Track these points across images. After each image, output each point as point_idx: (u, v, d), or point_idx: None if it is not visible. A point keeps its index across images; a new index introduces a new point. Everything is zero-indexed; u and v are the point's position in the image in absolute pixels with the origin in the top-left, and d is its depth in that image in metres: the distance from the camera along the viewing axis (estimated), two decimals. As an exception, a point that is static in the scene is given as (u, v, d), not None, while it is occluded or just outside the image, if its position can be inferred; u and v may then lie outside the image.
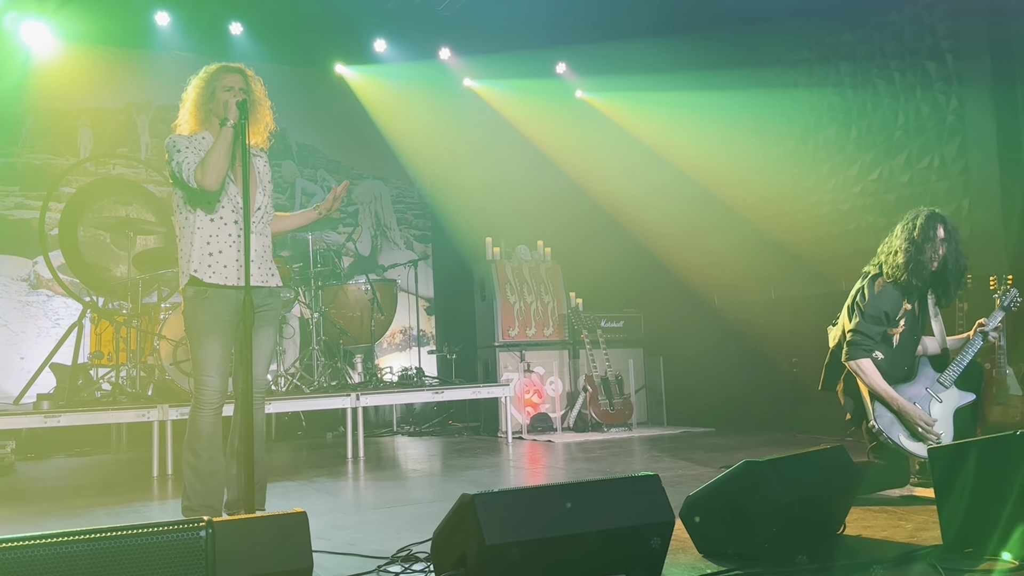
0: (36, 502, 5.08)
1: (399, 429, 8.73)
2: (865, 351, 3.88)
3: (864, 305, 3.92)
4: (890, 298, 3.92)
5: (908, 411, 3.82)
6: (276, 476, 5.61)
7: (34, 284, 8.55)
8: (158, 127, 9.18)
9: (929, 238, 3.87)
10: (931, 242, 3.87)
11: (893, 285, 3.93)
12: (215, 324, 3.55)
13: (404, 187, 10.67)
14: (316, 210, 3.90)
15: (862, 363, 3.87)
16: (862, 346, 3.89)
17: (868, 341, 3.89)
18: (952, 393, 3.96)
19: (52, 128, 8.79)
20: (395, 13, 8.88)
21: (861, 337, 3.89)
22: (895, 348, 3.96)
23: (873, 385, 3.85)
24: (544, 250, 8.66)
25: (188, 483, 3.55)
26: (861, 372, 3.87)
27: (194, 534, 2.12)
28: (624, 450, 6.41)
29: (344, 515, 4.27)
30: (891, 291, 3.93)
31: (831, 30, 7.30)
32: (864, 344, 3.89)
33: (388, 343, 9.95)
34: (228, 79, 3.63)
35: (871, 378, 3.85)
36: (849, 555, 2.88)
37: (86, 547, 2.00)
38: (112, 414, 6.14)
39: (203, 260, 3.55)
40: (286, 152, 9.78)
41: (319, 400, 6.73)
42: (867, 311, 3.90)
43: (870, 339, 3.89)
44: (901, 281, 3.91)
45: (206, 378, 3.55)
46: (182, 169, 3.50)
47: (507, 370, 7.97)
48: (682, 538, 2.99)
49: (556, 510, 2.49)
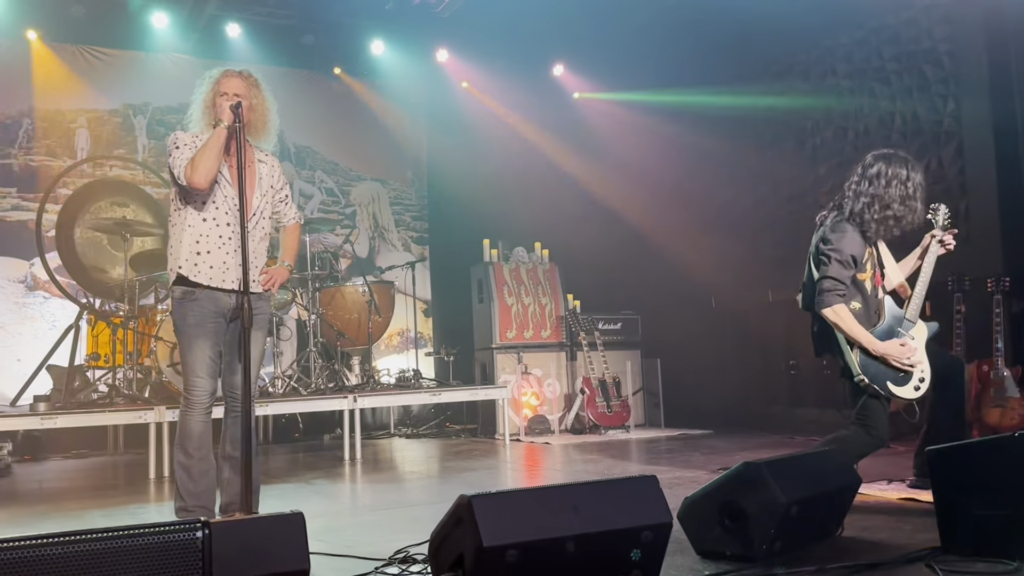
0: (32, 504, 5.07)
1: (396, 431, 8.72)
2: (839, 296, 3.74)
3: (830, 251, 3.79)
4: (853, 242, 3.80)
5: (891, 351, 3.72)
6: (273, 478, 5.60)
7: (31, 286, 8.53)
8: (155, 129, 9.18)
9: (888, 181, 3.78)
10: (891, 185, 3.78)
11: (855, 229, 3.83)
12: (202, 326, 3.55)
13: (402, 189, 10.67)
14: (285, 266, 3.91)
15: (837, 309, 3.72)
16: (835, 292, 3.74)
17: (840, 286, 3.75)
18: (920, 327, 3.87)
19: (49, 129, 8.79)
20: (392, 15, 8.87)
21: (832, 283, 3.75)
22: (868, 295, 3.87)
23: (851, 332, 3.71)
24: (542, 252, 8.66)
25: (180, 483, 3.55)
26: (838, 319, 3.72)
27: (190, 535, 2.11)
28: (622, 452, 6.41)
29: (341, 517, 4.26)
30: (854, 235, 3.81)
31: (828, 33, 7.31)
32: (837, 289, 3.74)
33: (385, 345, 9.95)
34: (226, 83, 3.64)
35: (848, 324, 3.71)
36: (847, 556, 2.87)
37: (82, 548, 1.99)
38: (108, 416, 6.13)
39: (190, 259, 3.56)
40: (284, 154, 9.77)
41: (316, 402, 6.72)
42: (833, 257, 3.77)
43: (842, 283, 3.75)
44: (860, 224, 3.82)
45: (195, 379, 3.55)
46: (175, 165, 3.54)
47: (504, 372, 7.97)
48: (680, 540, 2.98)
49: (554, 512, 2.48)
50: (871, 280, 3.89)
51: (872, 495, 4.01)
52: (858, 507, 3.55)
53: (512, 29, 8.88)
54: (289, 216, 3.96)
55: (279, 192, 3.87)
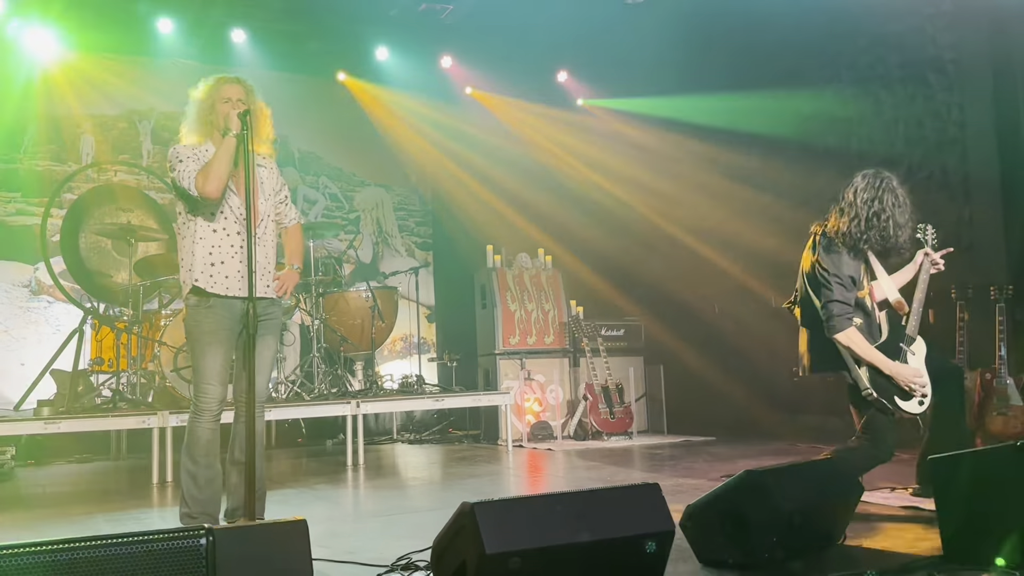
0: (36, 508, 5.07)
1: (399, 437, 8.72)
2: (848, 320, 3.78)
3: (829, 275, 3.83)
4: (848, 263, 3.85)
5: (901, 372, 3.76)
6: (276, 483, 5.61)
7: (35, 290, 8.56)
8: (160, 134, 9.21)
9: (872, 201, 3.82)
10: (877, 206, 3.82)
11: (846, 250, 3.86)
12: (217, 333, 3.56)
13: (406, 194, 10.69)
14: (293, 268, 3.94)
15: (849, 333, 3.76)
16: (845, 316, 3.78)
17: (848, 309, 3.79)
18: (919, 342, 3.92)
19: (54, 135, 8.82)
20: (397, 21, 8.90)
21: (840, 307, 3.79)
22: (868, 310, 3.91)
23: (865, 355, 3.75)
24: (545, 258, 8.67)
25: (186, 490, 3.56)
26: (851, 343, 3.76)
27: (194, 541, 2.12)
28: (624, 459, 6.40)
29: (344, 523, 4.27)
30: (847, 257, 3.86)
31: (833, 40, 7.30)
32: (846, 313, 3.78)
33: (389, 350, 9.95)
34: (226, 90, 3.65)
35: (862, 348, 3.76)
36: (850, 565, 2.87)
37: (86, 554, 2.00)
38: (112, 420, 6.14)
39: (205, 270, 3.57)
40: (288, 159, 9.79)
41: (319, 407, 6.73)
42: (834, 281, 3.81)
43: (848, 306, 3.80)
44: (853, 245, 3.85)
45: (206, 386, 3.56)
46: (183, 178, 3.52)
47: (507, 378, 7.97)
48: (682, 547, 2.98)
49: (556, 519, 2.49)
50: (869, 296, 3.94)
51: (875, 503, 4.01)
52: (860, 515, 3.55)
53: (517, 36, 8.90)
54: (290, 217, 3.97)
55: (279, 193, 3.88)
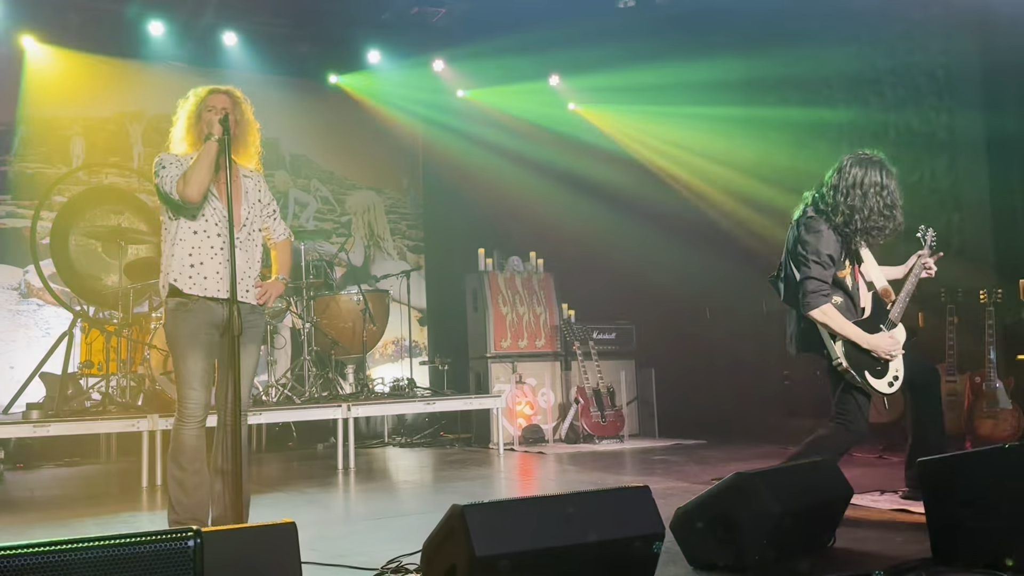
0: (24, 512, 5.05)
1: (390, 440, 8.70)
2: (824, 296, 3.82)
3: (808, 253, 3.86)
4: (829, 241, 3.87)
5: (878, 343, 3.81)
6: (266, 487, 5.59)
7: (24, 293, 8.51)
8: (151, 136, 9.18)
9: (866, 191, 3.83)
10: (868, 196, 3.83)
11: (829, 229, 3.88)
12: (197, 336, 3.55)
13: (397, 198, 10.69)
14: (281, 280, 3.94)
15: (825, 309, 3.81)
16: (820, 292, 3.82)
17: (823, 287, 3.83)
18: (900, 329, 3.97)
19: (44, 137, 8.78)
20: (389, 24, 8.89)
21: (815, 284, 3.83)
22: (849, 289, 3.94)
23: (841, 330, 3.80)
24: (536, 261, 8.67)
25: (174, 496, 3.55)
26: (826, 319, 3.80)
27: (182, 544, 2.11)
28: (615, 462, 6.41)
29: (334, 526, 4.26)
30: (829, 234, 3.88)
31: (823, 45, 7.33)
32: (821, 290, 3.82)
33: (380, 354, 9.93)
34: (214, 100, 3.66)
35: (837, 323, 3.80)
36: (839, 567, 2.88)
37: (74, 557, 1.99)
38: (102, 424, 6.11)
39: (184, 271, 3.57)
40: (279, 162, 9.78)
41: (310, 410, 6.71)
42: (812, 259, 3.85)
43: (824, 284, 3.84)
44: (835, 225, 3.87)
45: (189, 391, 3.54)
46: (165, 182, 3.53)
47: (499, 381, 7.96)
48: (672, 550, 2.99)
49: (547, 521, 2.49)
50: (851, 276, 3.98)
51: (864, 506, 4.02)
52: (850, 518, 3.55)
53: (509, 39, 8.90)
54: (279, 232, 3.97)
55: (266, 207, 3.87)
